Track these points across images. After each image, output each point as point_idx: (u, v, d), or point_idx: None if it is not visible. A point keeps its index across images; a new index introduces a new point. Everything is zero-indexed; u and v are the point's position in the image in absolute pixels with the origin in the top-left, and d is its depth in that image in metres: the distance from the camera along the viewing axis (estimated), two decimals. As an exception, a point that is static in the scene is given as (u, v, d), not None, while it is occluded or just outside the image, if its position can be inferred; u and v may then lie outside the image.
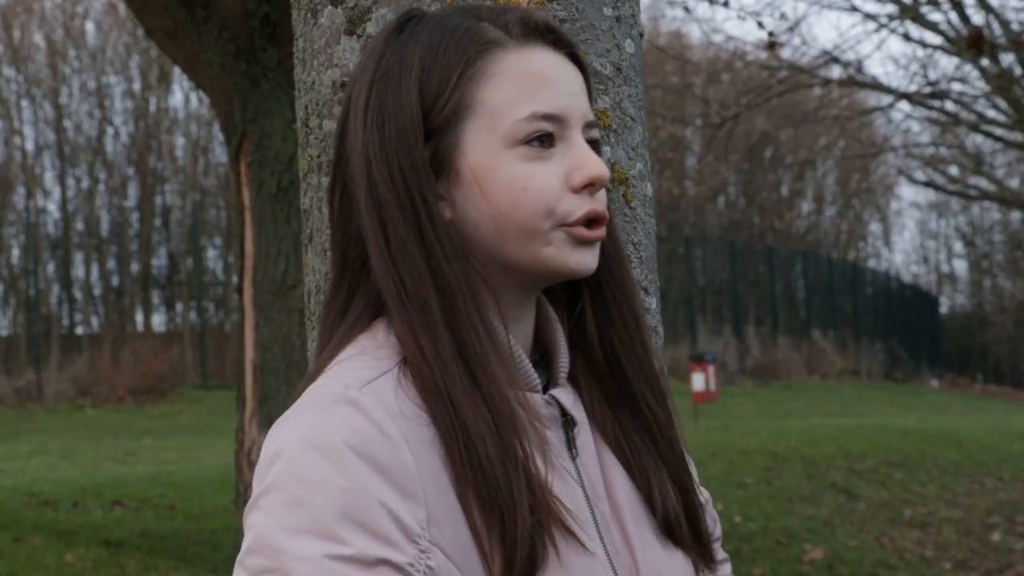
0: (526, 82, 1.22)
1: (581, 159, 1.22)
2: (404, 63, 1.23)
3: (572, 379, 1.31)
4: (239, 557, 1.14)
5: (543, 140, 1.22)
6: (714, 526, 1.42)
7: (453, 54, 1.22)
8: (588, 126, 1.26)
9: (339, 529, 1.09)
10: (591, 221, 1.23)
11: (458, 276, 1.19)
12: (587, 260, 1.24)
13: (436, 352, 1.17)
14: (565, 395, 1.27)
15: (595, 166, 1.22)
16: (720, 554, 1.43)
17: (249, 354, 5.56)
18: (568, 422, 1.26)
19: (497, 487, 1.13)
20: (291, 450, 1.12)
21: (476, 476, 1.14)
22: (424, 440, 1.14)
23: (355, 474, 1.10)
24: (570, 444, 1.26)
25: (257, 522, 1.12)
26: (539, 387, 1.25)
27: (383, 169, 1.21)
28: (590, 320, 1.31)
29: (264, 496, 1.12)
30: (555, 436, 1.24)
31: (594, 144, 1.27)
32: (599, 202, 1.24)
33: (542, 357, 1.30)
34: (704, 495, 1.40)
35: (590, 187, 1.22)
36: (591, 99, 1.30)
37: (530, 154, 1.21)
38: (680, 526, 1.30)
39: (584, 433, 1.28)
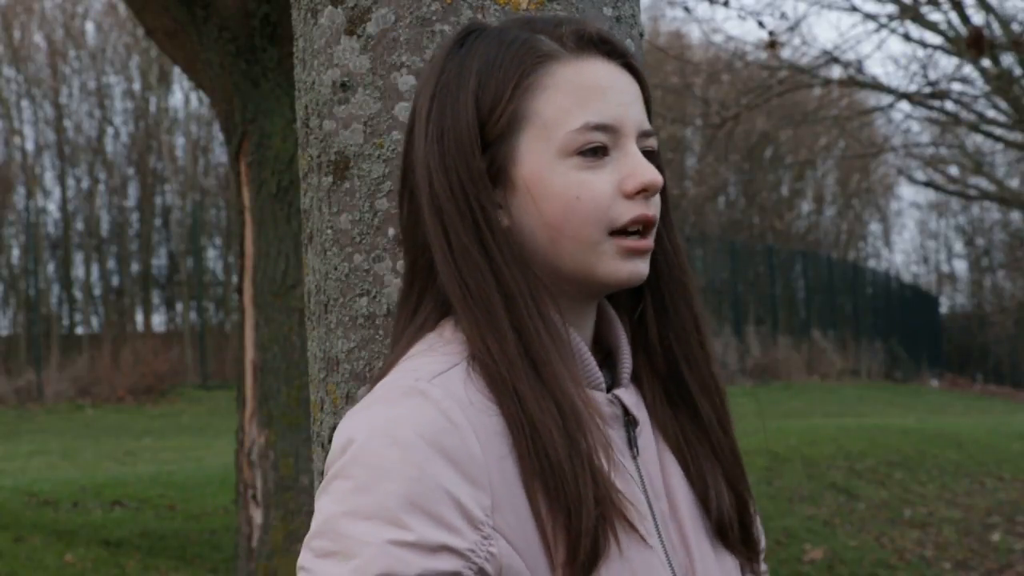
0: (580, 93, 1.25)
1: (634, 166, 1.25)
2: (463, 76, 1.27)
3: (635, 380, 1.34)
4: (306, 539, 1.17)
5: (596, 151, 1.25)
6: (760, 538, 1.43)
7: (508, 67, 1.26)
8: (643, 135, 1.29)
9: (403, 515, 1.12)
10: (641, 226, 1.26)
11: (519, 279, 1.23)
12: (637, 271, 1.27)
13: (502, 349, 1.20)
14: (628, 395, 1.30)
15: (647, 172, 1.25)
16: (763, 565, 1.44)
17: (249, 354, 5.56)
18: (630, 421, 1.29)
19: (564, 478, 1.16)
20: (361, 439, 1.16)
21: (543, 467, 1.17)
22: (492, 430, 1.18)
23: (422, 462, 1.14)
24: (631, 443, 1.29)
25: (325, 506, 1.16)
26: (603, 386, 1.28)
27: (443, 179, 1.25)
28: (651, 321, 1.35)
29: (333, 481, 1.17)
30: (617, 435, 1.28)
31: (651, 154, 1.30)
32: (652, 208, 1.27)
33: (606, 358, 1.33)
34: (754, 508, 1.41)
35: (643, 192, 1.25)
36: (649, 108, 1.32)
37: (583, 164, 1.24)
38: (732, 529, 1.33)
39: (646, 433, 1.31)
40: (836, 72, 14.29)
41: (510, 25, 1.31)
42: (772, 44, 9.46)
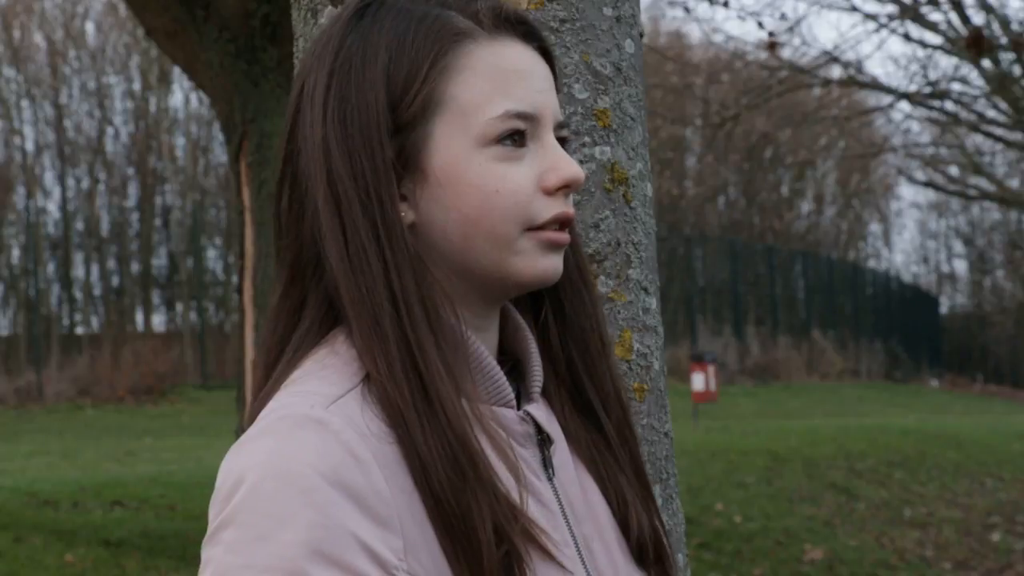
0: (499, 78, 1.15)
1: (555, 160, 1.16)
2: (368, 52, 1.14)
3: (544, 392, 1.23)
4: None
5: (515, 139, 1.14)
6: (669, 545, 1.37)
7: (423, 45, 1.14)
8: (559, 125, 1.19)
9: (308, 566, 1.00)
10: (558, 225, 1.16)
11: (412, 286, 1.11)
12: (554, 266, 1.17)
13: (389, 368, 1.08)
14: (539, 410, 1.20)
15: (570, 168, 1.16)
16: None
17: (249, 354, 5.56)
18: (543, 440, 1.19)
19: (455, 515, 1.06)
20: (253, 479, 1.03)
21: (434, 503, 1.06)
22: (395, 461, 1.06)
23: (325, 504, 1.01)
24: (546, 463, 1.18)
25: (215, 558, 1.03)
26: (512, 402, 1.17)
27: (345, 165, 1.12)
28: (552, 330, 1.24)
29: (223, 530, 1.04)
30: (530, 455, 1.17)
31: (564, 143, 1.20)
32: (569, 204, 1.17)
33: (512, 369, 1.22)
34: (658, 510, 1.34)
35: (565, 189, 1.16)
36: (559, 94, 1.23)
37: (502, 154, 1.14)
38: (648, 550, 1.24)
39: (561, 451, 1.21)
40: (836, 72, 14.30)
41: None
42: (772, 44, 9.46)
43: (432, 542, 1.06)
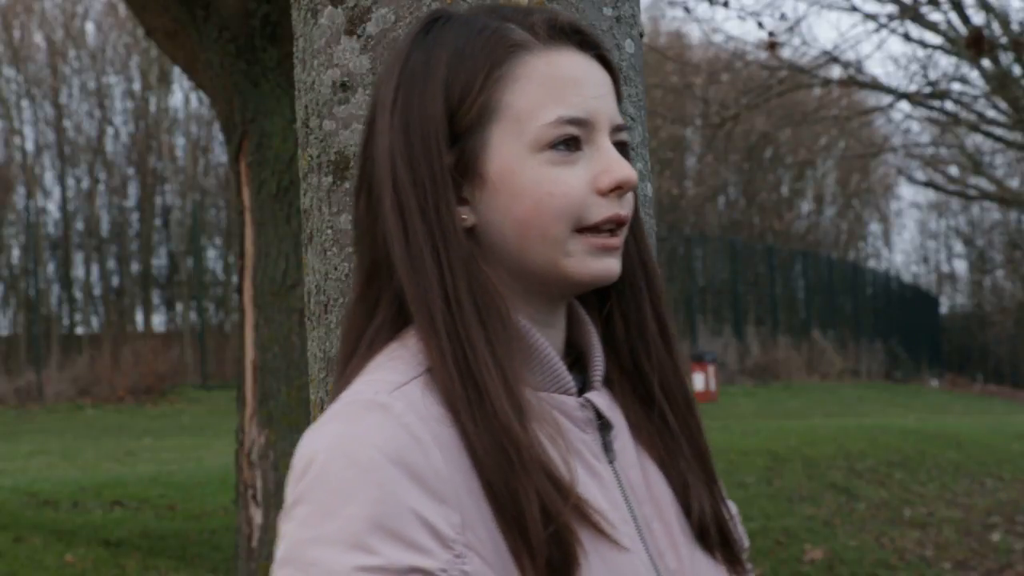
0: (552, 85, 1.21)
1: (608, 162, 1.21)
2: (430, 65, 1.22)
3: (608, 382, 1.30)
4: (272, 568, 1.14)
5: (569, 144, 1.20)
6: (742, 538, 1.41)
7: (479, 56, 1.21)
8: (616, 129, 1.24)
9: (369, 539, 1.08)
10: (613, 225, 1.22)
11: (464, 285, 1.18)
12: (608, 268, 1.23)
13: (442, 362, 1.16)
14: (600, 398, 1.27)
15: (622, 169, 1.21)
16: (748, 565, 1.42)
17: (249, 354, 5.56)
18: (604, 425, 1.26)
19: (504, 496, 1.13)
20: (322, 459, 1.12)
21: (487, 484, 1.14)
22: (455, 442, 1.14)
23: (386, 482, 1.10)
24: (607, 447, 1.25)
25: (289, 532, 1.12)
26: (573, 390, 1.24)
27: (407, 173, 1.20)
28: (618, 322, 1.31)
29: (296, 506, 1.13)
30: (591, 439, 1.24)
31: (622, 147, 1.26)
32: (625, 206, 1.23)
33: (577, 361, 1.29)
34: (732, 509, 1.39)
35: (617, 190, 1.22)
36: (620, 102, 1.28)
37: (556, 159, 1.20)
38: (712, 533, 1.30)
39: (622, 436, 1.28)
40: (836, 72, 14.30)
41: (478, 12, 1.26)
42: (772, 44, 9.46)
43: (488, 518, 1.13)
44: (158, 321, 21.16)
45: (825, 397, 19.69)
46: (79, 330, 20.28)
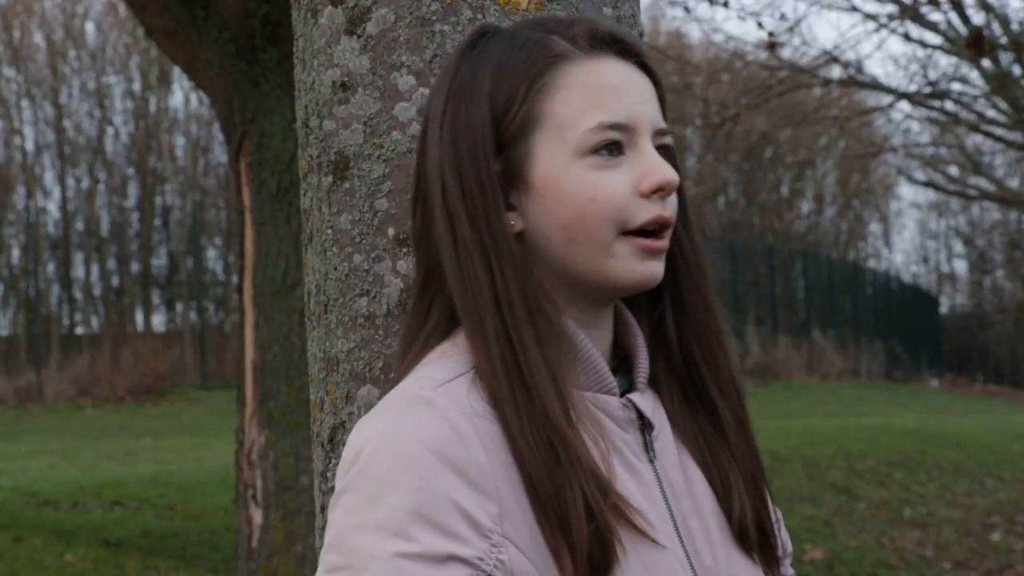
0: (593, 93, 1.25)
1: (650, 165, 1.25)
2: (476, 79, 1.27)
3: (654, 383, 1.34)
4: (320, 552, 1.20)
5: (611, 149, 1.24)
6: (786, 543, 1.43)
7: (521, 68, 1.26)
8: (659, 133, 1.28)
9: (410, 527, 1.13)
10: (657, 227, 1.25)
11: (516, 288, 1.23)
12: (652, 272, 1.26)
13: (490, 364, 1.21)
14: (643, 399, 1.30)
15: (664, 171, 1.25)
16: (788, 570, 1.43)
17: (249, 354, 5.56)
18: (645, 425, 1.29)
19: (547, 492, 1.17)
20: (369, 450, 1.17)
21: (529, 481, 1.18)
22: (498, 437, 1.19)
23: (428, 472, 1.14)
24: (647, 447, 1.29)
25: (336, 519, 1.18)
26: (616, 390, 1.28)
27: (455, 183, 1.25)
28: (670, 323, 1.34)
29: (343, 495, 1.18)
30: (632, 438, 1.28)
31: (667, 151, 1.29)
32: (668, 208, 1.26)
33: (622, 363, 1.33)
34: (776, 514, 1.41)
35: (660, 191, 1.25)
36: (664, 106, 1.31)
37: (599, 163, 1.24)
38: (751, 534, 1.32)
39: (664, 436, 1.31)
40: (836, 72, 14.29)
41: (523, 26, 1.31)
42: (772, 44, 9.46)
43: (527, 511, 1.17)
44: (158, 321, 21.18)
45: (825, 397, 19.69)
46: (79, 330, 20.28)
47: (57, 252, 20.12)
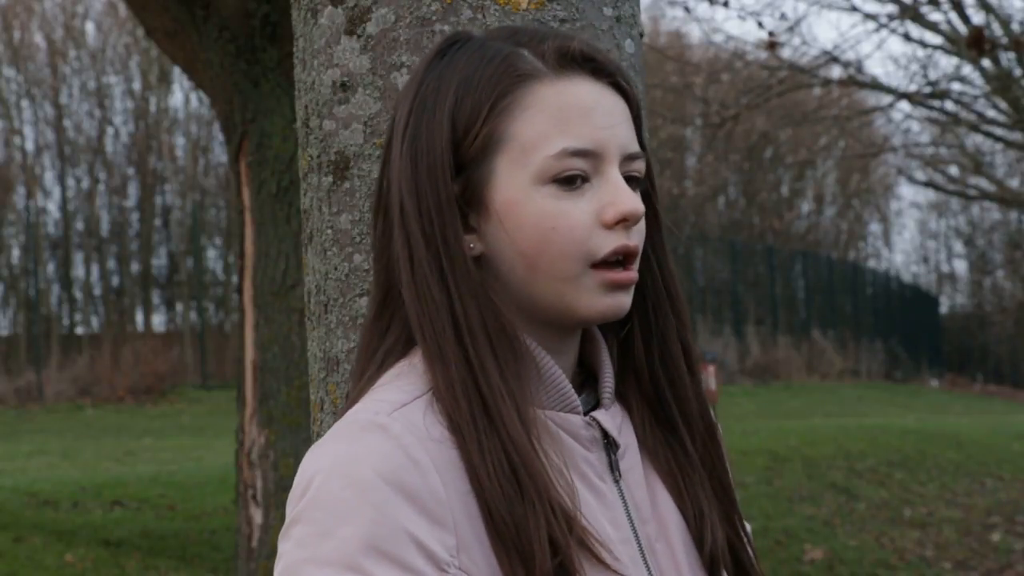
0: (560, 116, 1.18)
1: (615, 194, 1.18)
2: (440, 92, 1.21)
3: (624, 402, 1.29)
4: None
5: (574, 180, 1.18)
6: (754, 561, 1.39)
7: (486, 86, 1.19)
8: (628, 159, 1.21)
9: (363, 560, 1.08)
10: (622, 257, 1.20)
11: (475, 313, 1.17)
12: (618, 304, 1.21)
13: (449, 386, 1.16)
14: (608, 417, 1.25)
15: (628, 201, 1.18)
16: None
17: (249, 354, 5.56)
18: (610, 444, 1.24)
19: (507, 524, 1.12)
20: (320, 479, 1.12)
21: (488, 511, 1.13)
22: (455, 464, 1.14)
23: (382, 503, 1.09)
24: (612, 466, 1.23)
25: (286, 552, 1.13)
26: (578, 408, 1.22)
27: (412, 202, 1.19)
28: (637, 345, 1.28)
29: (294, 526, 1.13)
30: (596, 458, 1.22)
31: (635, 180, 1.23)
32: (633, 237, 1.20)
33: (588, 378, 1.28)
34: (746, 527, 1.37)
35: (623, 222, 1.19)
36: (640, 126, 1.26)
37: (560, 192, 1.18)
38: (724, 562, 1.27)
39: (631, 455, 1.26)
40: (836, 72, 14.29)
41: (495, 36, 1.24)
42: (772, 45, 9.46)
43: (485, 541, 1.12)
44: (158, 321, 21.17)
45: (825, 397, 19.69)
46: (79, 330, 20.27)
47: (57, 252, 20.11)
